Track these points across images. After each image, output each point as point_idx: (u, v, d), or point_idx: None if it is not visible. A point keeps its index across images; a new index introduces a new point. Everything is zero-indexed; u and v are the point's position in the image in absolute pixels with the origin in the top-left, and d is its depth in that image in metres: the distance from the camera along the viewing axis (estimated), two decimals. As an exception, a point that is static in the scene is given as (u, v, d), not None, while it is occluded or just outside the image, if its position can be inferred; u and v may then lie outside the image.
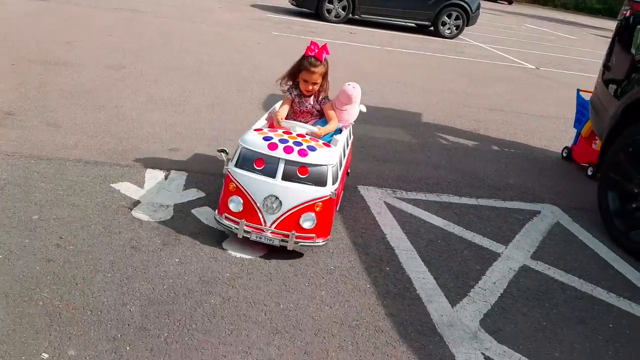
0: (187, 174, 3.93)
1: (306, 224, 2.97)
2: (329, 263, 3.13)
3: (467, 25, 14.20)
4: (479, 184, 4.73)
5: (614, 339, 2.91)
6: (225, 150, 3.16)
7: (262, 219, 2.96)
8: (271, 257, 3.08)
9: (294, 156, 2.96)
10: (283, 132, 3.19)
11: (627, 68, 4.39)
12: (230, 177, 3.02)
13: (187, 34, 9.26)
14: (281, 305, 2.72)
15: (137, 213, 3.31)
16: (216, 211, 3.11)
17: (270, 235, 2.96)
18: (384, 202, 4.03)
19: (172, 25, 9.95)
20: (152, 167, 3.95)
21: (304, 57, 3.42)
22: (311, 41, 3.43)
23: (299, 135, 3.18)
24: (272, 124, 3.51)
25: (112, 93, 5.52)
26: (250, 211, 2.96)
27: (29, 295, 2.50)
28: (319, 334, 2.56)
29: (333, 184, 3.03)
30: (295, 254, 3.12)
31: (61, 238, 2.94)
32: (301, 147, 3.01)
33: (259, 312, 2.64)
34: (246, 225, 2.96)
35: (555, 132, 6.79)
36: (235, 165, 3.03)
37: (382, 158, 4.94)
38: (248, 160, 3.00)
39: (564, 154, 5.81)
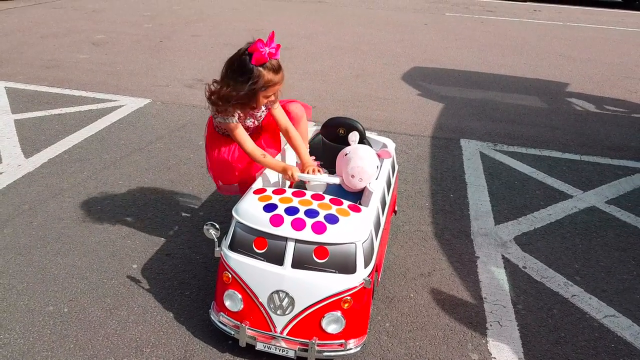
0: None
1: (331, 328, 2.18)
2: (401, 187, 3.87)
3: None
4: (593, 143, 4.87)
5: (650, 266, 3.11)
6: (215, 226, 2.31)
7: (269, 323, 2.21)
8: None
9: (307, 233, 2.14)
10: (293, 193, 2.35)
11: None
12: (224, 263, 2.29)
13: (359, 19, 10.35)
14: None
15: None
16: (212, 305, 2.39)
17: (283, 344, 2.21)
18: (480, 151, 4.54)
19: (349, 12, 11.19)
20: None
21: (259, 66, 2.55)
22: (257, 40, 2.58)
23: (315, 197, 2.33)
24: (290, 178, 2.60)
25: (280, 67, 6.84)
26: (253, 311, 2.23)
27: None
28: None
29: (366, 267, 2.22)
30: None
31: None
32: (316, 219, 2.19)
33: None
34: (249, 331, 2.24)
35: None
36: (230, 247, 2.28)
37: (499, 118, 5.36)
38: (245, 241, 2.23)
39: None
